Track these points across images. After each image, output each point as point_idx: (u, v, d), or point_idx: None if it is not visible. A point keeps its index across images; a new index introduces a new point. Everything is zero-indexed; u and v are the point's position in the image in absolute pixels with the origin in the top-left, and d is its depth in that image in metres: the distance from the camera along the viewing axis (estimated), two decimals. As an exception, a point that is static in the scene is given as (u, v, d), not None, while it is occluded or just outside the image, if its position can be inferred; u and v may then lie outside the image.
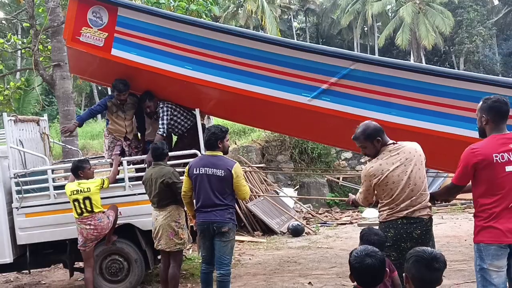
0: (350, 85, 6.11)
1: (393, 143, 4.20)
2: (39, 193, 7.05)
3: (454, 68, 41.85)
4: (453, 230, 9.29)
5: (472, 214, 9.97)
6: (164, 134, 7.08)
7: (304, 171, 14.63)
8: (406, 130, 5.87)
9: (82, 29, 6.75)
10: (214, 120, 13.34)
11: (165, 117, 7.06)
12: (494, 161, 3.60)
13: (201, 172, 5.47)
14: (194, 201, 5.63)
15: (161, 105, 7.12)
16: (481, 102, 3.89)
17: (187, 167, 5.72)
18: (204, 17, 11.28)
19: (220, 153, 5.59)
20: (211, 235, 5.51)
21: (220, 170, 5.41)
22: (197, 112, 7.16)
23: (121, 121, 7.30)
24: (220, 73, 6.47)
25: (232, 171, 5.42)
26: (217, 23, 6.78)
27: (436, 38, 40.66)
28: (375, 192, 4.20)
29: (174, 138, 7.72)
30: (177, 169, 6.57)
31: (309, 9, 50.22)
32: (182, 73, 6.57)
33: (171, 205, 6.04)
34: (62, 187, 6.88)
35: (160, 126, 7.03)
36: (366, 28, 48.04)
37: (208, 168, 5.45)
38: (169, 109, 7.12)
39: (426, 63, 41.20)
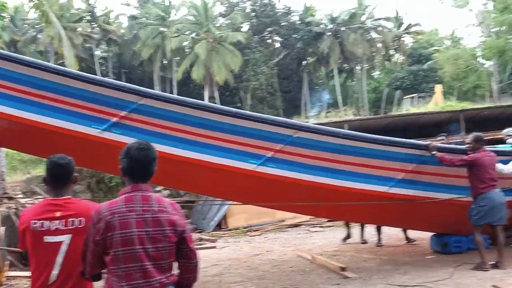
0: (139, 119, 6.10)
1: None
2: None
3: (242, 103, 44.61)
4: (235, 252, 9.77)
5: (252, 237, 10.46)
6: None
7: (102, 201, 14.11)
8: (188, 162, 6.13)
9: None
10: (7, 151, 12.30)
11: None
12: (32, 228, 2.93)
13: None
14: None
15: None
16: None
17: None
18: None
19: None
20: None
21: None
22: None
23: None
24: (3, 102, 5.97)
25: None
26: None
27: (227, 75, 42.96)
28: None
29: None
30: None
31: (111, 39, 49.17)
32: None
33: None
34: None
35: None
36: (165, 62, 48.68)
37: None
38: None
39: (219, 98, 43.29)
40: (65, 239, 2.94)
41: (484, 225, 6.81)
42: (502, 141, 9.18)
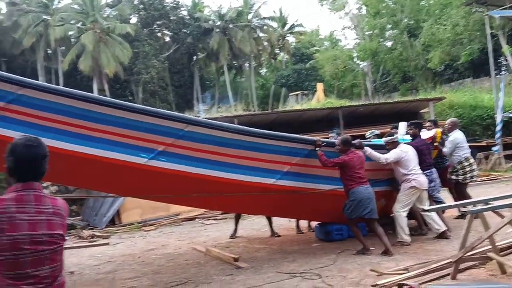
0: (19, 111, 5.65)
1: None
2: None
3: (134, 96, 43.50)
4: (129, 248, 9.59)
5: (147, 232, 10.27)
6: None
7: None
8: (77, 156, 5.87)
9: None
10: None
11: None
12: None
13: None
14: None
15: None
16: None
17: None
18: None
19: None
20: None
21: None
22: None
23: None
24: None
25: None
26: None
27: (117, 67, 41.52)
28: None
29: None
30: None
31: (-12, 25, 45.24)
32: None
33: None
34: None
35: None
36: (50, 51, 45.90)
37: None
38: None
39: (109, 90, 41.77)
40: None
41: (356, 218, 7.33)
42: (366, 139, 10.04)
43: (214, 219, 12.25)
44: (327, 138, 10.00)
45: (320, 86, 35.04)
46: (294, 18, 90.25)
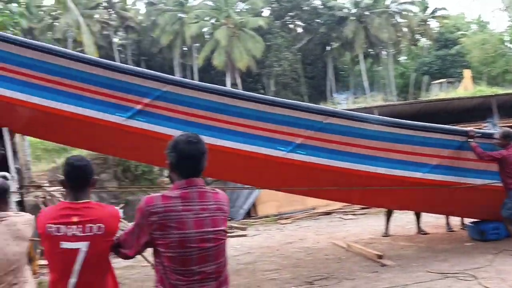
0: (164, 107, 6.15)
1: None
2: None
3: (265, 89, 44.58)
4: (267, 241, 9.85)
5: (283, 225, 10.49)
6: None
7: (129, 189, 14.32)
8: (216, 149, 6.07)
9: None
10: (30, 140, 12.47)
11: None
12: (47, 232, 2.71)
13: None
14: None
15: None
16: None
17: None
18: (11, 29, 10.58)
19: None
20: None
21: None
22: (5, 131, 6.61)
23: None
24: (26, 89, 6.02)
25: None
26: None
27: (249, 61, 42.85)
28: None
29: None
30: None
31: (129, 26, 49.38)
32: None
33: None
34: None
35: None
36: (185, 48, 48.77)
37: None
38: None
39: (242, 84, 43.30)
40: (83, 246, 2.69)
41: None
42: None
43: (352, 214, 12.09)
44: (480, 129, 9.32)
45: (467, 73, 32.87)
46: (437, 1, 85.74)
